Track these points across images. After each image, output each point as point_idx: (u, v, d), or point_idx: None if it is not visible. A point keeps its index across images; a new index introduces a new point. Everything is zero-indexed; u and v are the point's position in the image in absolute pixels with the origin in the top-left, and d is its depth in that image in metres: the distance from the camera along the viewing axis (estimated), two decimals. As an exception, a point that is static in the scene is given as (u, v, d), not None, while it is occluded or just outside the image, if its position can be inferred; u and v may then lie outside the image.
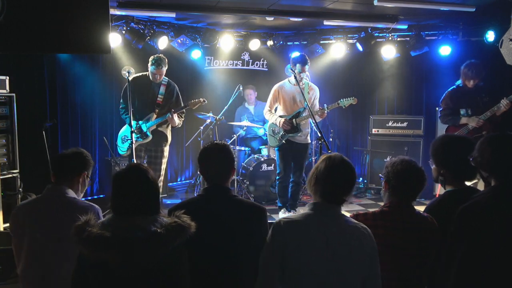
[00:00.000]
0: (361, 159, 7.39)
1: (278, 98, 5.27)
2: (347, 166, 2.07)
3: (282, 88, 5.27)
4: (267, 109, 5.36)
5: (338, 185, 2.03)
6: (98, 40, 2.84)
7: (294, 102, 5.21)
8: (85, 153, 2.55)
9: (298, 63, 5.05)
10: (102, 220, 1.89)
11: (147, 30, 6.02)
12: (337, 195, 2.03)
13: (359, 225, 2.02)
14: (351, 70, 7.42)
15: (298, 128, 5.17)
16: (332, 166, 2.05)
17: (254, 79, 7.39)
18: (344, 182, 2.05)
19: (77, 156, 2.52)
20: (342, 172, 2.05)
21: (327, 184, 2.03)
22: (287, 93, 5.23)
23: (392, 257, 2.13)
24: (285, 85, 5.29)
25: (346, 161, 2.09)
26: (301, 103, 5.17)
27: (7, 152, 4.53)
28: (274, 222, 2.04)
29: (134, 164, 2.11)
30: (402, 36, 6.76)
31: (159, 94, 5.09)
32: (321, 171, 2.05)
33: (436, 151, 2.50)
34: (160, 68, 4.98)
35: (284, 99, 5.24)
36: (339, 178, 2.04)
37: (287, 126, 5.14)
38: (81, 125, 6.14)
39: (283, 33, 7.12)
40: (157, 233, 1.80)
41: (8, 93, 4.53)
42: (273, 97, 5.30)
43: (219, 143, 2.41)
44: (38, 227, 2.31)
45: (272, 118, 5.28)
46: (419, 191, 2.24)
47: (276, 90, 5.29)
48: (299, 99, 5.18)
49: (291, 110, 5.22)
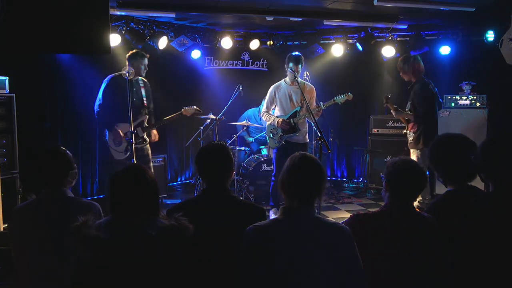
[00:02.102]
0: (361, 159, 7.39)
1: (275, 98, 5.30)
2: (309, 164, 1.99)
3: (279, 89, 5.31)
4: (264, 110, 5.39)
5: (301, 186, 1.95)
6: (98, 40, 2.84)
7: (291, 102, 5.23)
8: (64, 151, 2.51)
9: (291, 62, 5.07)
10: (100, 220, 1.89)
11: (147, 30, 6.02)
12: (304, 197, 1.95)
13: (336, 226, 1.95)
14: (351, 70, 7.41)
15: (296, 127, 5.19)
16: (292, 167, 1.99)
17: (254, 79, 7.39)
18: (307, 181, 1.96)
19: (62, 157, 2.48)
20: (303, 172, 1.97)
21: (291, 187, 1.97)
22: (283, 93, 5.26)
23: (392, 257, 2.12)
24: (281, 86, 5.32)
25: (307, 160, 2.01)
26: (298, 103, 5.19)
27: (7, 152, 4.53)
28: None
29: (133, 164, 2.10)
30: (402, 36, 6.76)
31: (143, 96, 5.02)
32: (283, 174, 2.01)
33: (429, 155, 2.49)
34: (146, 58, 4.98)
35: (281, 100, 5.27)
36: (301, 179, 1.96)
37: (286, 126, 5.16)
38: (81, 125, 6.13)
39: (283, 33, 7.12)
40: (155, 235, 1.80)
41: (8, 93, 4.53)
42: (270, 98, 5.33)
43: (217, 143, 2.40)
44: (39, 227, 2.30)
45: (270, 119, 5.30)
46: (420, 191, 2.23)
47: (273, 91, 5.32)
48: (295, 98, 5.20)
49: (288, 110, 5.24)
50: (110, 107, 4.84)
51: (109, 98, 4.85)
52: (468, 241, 2.01)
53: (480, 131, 5.93)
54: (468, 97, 6.27)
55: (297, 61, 5.08)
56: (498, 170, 2.06)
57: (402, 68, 5.18)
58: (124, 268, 1.77)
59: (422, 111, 4.97)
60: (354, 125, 7.74)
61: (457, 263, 2.06)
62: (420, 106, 4.98)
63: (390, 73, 7.26)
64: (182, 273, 1.92)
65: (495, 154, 2.06)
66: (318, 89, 5.40)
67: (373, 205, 6.32)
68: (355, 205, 6.34)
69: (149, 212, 1.89)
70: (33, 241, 2.30)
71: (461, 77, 6.37)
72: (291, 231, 1.92)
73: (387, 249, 2.10)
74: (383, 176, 2.31)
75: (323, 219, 2.01)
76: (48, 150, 2.51)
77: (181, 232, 1.85)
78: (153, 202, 1.93)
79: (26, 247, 2.33)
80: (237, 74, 7.42)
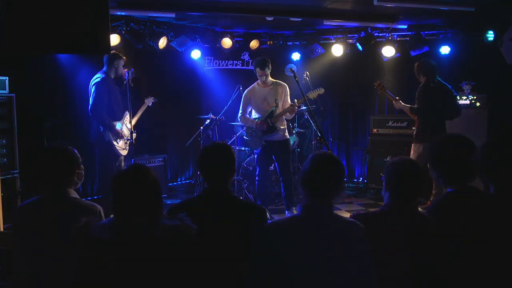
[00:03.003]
0: (361, 159, 7.39)
1: (250, 101, 5.39)
2: (332, 163, 2.05)
3: (252, 92, 5.41)
4: (241, 114, 5.46)
5: (324, 184, 2.01)
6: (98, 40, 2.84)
7: (265, 103, 5.33)
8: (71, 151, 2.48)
9: (256, 67, 5.20)
10: (103, 221, 1.88)
11: (147, 30, 6.02)
12: (323, 195, 2.01)
13: (351, 224, 2.00)
14: (351, 70, 7.41)
15: (274, 127, 5.28)
16: (317, 165, 2.04)
17: (254, 79, 7.36)
18: (329, 180, 2.02)
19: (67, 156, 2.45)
20: (327, 170, 2.03)
21: (312, 184, 2.02)
22: (257, 96, 5.36)
23: (393, 257, 2.12)
24: (255, 88, 5.42)
25: (332, 159, 2.07)
26: (272, 103, 5.28)
27: (7, 152, 4.53)
28: None
29: (135, 164, 2.09)
30: (402, 36, 6.76)
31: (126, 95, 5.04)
32: (306, 171, 2.05)
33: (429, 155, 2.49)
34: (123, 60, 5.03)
35: (256, 102, 5.36)
36: (324, 177, 2.02)
37: (263, 126, 5.25)
38: (81, 125, 6.12)
39: (283, 33, 7.12)
40: (159, 236, 1.79)
41: (8, 93, 4.53)
42: (245, 101, 5.43)
43: (220, 143, 2.40)
44: (40, 227, 2.30)
45: (248, 122, 5.41)
46: (420, 191, 2.23)
47: (247, 95, 5.42)
48: (269, 99, 5.30)
49: (264, 111, 5.33)
50: (104, 108, 4.86)
51: (102, 100, 4.86)
52: (469, 242, 2.01)
53: (480, 131, 5.92)
54: (468, 97, 6.27)
55: (262, 66, 5.18)
56: (498, 170, 2.05)
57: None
58: (127, 269, 1.77)
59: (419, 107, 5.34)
60: (354, 125, 7.74)
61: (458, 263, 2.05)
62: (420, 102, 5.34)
63: (390, 73, 7.26)
64: (185, 274, 1.92)
65: (495, 154, 2.05)
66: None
67: (373, 205, 6.32)
68: (355, 205, 6.34)
69: (152, 212, 1.88)
70: (33, 240, 2.30)
71: (461, 77, 6.36)
72: (312, 228, 1.96)
73: (387, 249, 2.10)
74: (383, 176, 2.31)
75: (340, 216, 2.07)
76: (54, 148, 2.48)
77: (184, 232, 1.85)
78: (156, 202, 1.91)
79: (26, 246, 2.33)
80: (237, 74, 7.41)
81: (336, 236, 1.95)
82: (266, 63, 5.20)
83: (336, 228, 1.98)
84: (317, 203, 2.02)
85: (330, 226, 1.98)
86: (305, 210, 2.03)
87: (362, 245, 1.97)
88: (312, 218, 1.99)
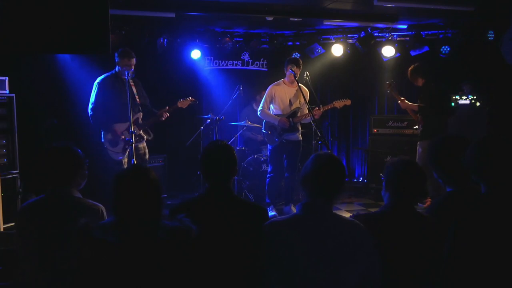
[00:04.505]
0: (361, 159, 7.39)
1: (274, 98, 5.40)
2: (334, 164, 2.07)
3: (278, 89, 5.42)
4: (262, 108, 5.47)
5: (325, 184, 2.02)
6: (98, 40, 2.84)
7: (289, 102, 5.36)
8: (75, 151, 2.48)
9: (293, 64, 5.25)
10: (103, 221, 1.88)
11: (147, 30, 6.02)
12: (325, 194, 2.03)
13: (353, 223, 2.01)
14: (351, 70, 7.41)
15: (295, 127, 5.33)
16: (319, 165, 2.05)
17: (254, 79, 7.39)
18: (331, 180, 2.04)
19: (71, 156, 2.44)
20: (329, 170, 2.04)
21: (314, 184, 2.03)
22: (282, 93, 5.38)
23: (393, 257, 2.12)
24: (281, 85, 5.43)
25: (334, 159, 2.09)
26: (296, 103, 5.34)
27: (7, 152, 4.53)
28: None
29: (135, 165, 2.09)
30: (402, 36, 6.76)
31: (135, 94, 4.96)
32: (308, 171, 2.06)
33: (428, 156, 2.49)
34: (133, 57, 4.84)
35: (280, 99, 5.37)
36: (326, 177, 2.03)
37: (286, 124, 5.27)
38: (81, 126, 6.12)
39: (283, 33, 7.12)
40: (159, 237, 1.79)
41: (8, 93, 4.53)
42: (269, 97, 5.44)
43: (221, 143, 2.40)
44: (43, 226, 2.30)
45: (269, 117, 5.41)
46: (420, 191, 2.23)
47: (272, 90, 5.43)
48: (294, 99, 5.34)
49: (286, 109, 5.36)
50: (104, 108, 4.79)
51: (102, 100, 4.79)
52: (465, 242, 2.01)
53: (480, 131, 5.93)
54: (468, 97, 6.27)
55: (298, 64, 5.28)
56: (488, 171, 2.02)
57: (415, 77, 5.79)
58: (128, 269, 1.77)
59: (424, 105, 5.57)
60: (354, 125, 7.74)
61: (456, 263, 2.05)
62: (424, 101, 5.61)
63: (390, 73, 7.26)
64: (186, 274, 1.92)
65: (484, 155, 2.03)
66: (318, 89, 5.45)
67: (373, 205, 6.32)
68: (355, 205, 6.34)
69: (152, 213, 1.88)
70: (37, 239, 2.30)
71: (461, 77, 6.37)
72: (312, 227, 1.96)
73: (387, 249, 2.10)
74: (383, 176, 2.31)
75: (341, 216, 2.08)
76: (58, 148, 2.47)
77: (185, 233, 1.85)
78: (156, 202, 1.91)
79: (30, 246, 2.32)
80: (237, 74, 7.41)
81: (336, 236, 1.95)
82: (300, 62, 5.31)
83: (336, 228, 1.98)
84: (318, 203, 2.02)
85: (330, 225, 1.99)
86: (305, 209, 2.04)
87: (365, 244, 1.97)
88: (312, 217, 2.00)
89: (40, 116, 5.50)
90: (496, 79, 6.22)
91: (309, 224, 1.98)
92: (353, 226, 2.01)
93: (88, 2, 2.82)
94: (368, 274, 1.96)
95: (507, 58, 5.49)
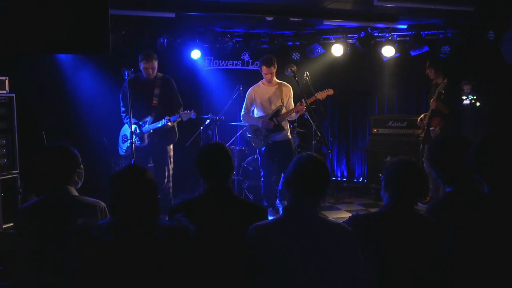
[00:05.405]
0: (361, 159, 7.39)
1: (255, 100, 5.36)
2: (316, 165, 2.02)
3: (257, 91, 5.37)
4: (244, 112, 5.42)
5: (308, 186, 1.99)
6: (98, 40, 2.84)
7: (270, 102, 5.30)
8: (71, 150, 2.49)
9: (262, 65, 5.17)
10: (101, 222, 1.89)
11: (147, 30, 6.02)
12: (309, 196, 1.99)
13: (340, 226, 1.98)
14: (351, 70, 7.41)
15: (280, 126, 5.25)
16: (300, 167, 2.02)
17: (254, 79, 7.36)
18: (314, 182, 2.00)
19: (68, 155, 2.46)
20: (311, 172, 2.00)
21: (297, 186, 2.00)
22: (262, 95, 5.33)
23: (393, 258, 2.12)
24: (260, 87, 5.39)
25: (316, 160, 2.04)
26: (278, 103, 5.25)
27: (7, 152, 4.52)
28: None
29: (131, 165, 2.10)
30: (402, 36, 6.76)
31: (154, 96, 4.97)
32: (290, 173, 2.03)
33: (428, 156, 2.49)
34: (151, 61, 4.88)
35: (261, 100, 5.33)
36: (309, 178, 1.99)
37: (270, 125, 5.20)
38: (81, 126, 6.13)
39: (283, 33, 7.12)
40: (157, 236, 1.79)
41: (8, 93, 4.53)
42: (249, 100, 5.39)
43: (215, 143, 2.42)
44: (44, 227, 2.30)
45: (252, 120, 5.38)
46: (419, 191, 2.23)
47: (251, 93, 5.39)
48: (275, 99, 5.27)
49: (268, 110, 5.30)
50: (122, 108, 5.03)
51: (121, 101, 5.03)
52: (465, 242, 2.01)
53: (480, 131, 5.93)
54: (468, 97, 6.27)
55: (268, 64, 5.16)
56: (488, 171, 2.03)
57: None
58: (127, 269, 1.77)
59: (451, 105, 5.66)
60: (354, 125, 7.74)
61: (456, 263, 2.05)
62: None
63: (390, 73, 7.27)
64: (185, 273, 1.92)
65: (487, 155, 2.03)
66: (318, 89, 5.41)
67: (373, 205, 6.31)
68: (355, 205, 6.34)
69: (149, 213, 1.88)
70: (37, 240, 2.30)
71: (461, 77, 6.37)
72: (295, 230, 1.93)
73: (387, 250, 2.10)
74: (383, 176, 2.31)
75: (326, 219, 2.05)
76: (54, 147, 2.49)
77: (183, 233, 1.85)
78: (153, 202, 1.92)
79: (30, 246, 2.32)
80: (237, 74, 7.41)
81: (321, 239, 1.92)
82: (272, 61, 5.19)
83: (321, 231, 1.94)
84: (302, 205, 1.99)
85: (312, 228, 1.95)
86: (289, 212, 2.01)
87: (349, 246, 1.93)
88: (296, 220, 1.96)
89: (40, 116, 5.50)
90: (496, 79, 6.22)
91: (293, 227, 1.95)
92: (339, 229, 1.97)
93: (88, 2, 2.82)
94: (355, 278, 1.93)
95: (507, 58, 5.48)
